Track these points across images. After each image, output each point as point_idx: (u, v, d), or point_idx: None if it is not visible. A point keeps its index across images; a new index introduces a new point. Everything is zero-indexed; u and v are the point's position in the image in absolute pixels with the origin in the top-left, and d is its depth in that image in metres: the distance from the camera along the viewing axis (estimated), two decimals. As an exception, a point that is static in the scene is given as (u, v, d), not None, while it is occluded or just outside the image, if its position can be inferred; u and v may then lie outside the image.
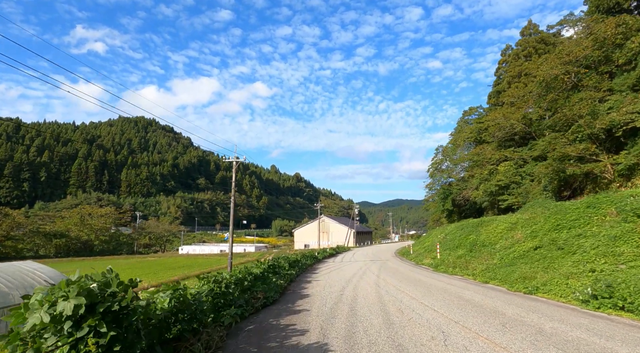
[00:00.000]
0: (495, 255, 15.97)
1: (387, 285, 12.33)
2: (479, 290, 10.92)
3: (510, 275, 11.89)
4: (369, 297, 10.19)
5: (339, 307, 8.98)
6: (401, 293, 10.69)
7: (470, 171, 40.80)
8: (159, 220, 79.26)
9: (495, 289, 11.21)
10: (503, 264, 13.97)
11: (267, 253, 58.76)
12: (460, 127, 46.02)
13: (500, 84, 43.15)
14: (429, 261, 23.07)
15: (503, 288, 11.33)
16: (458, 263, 17.37)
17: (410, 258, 29.78)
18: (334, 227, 77.92)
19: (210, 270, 40.82)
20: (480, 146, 38.22)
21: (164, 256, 60.70)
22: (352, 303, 9.36)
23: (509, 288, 11.09)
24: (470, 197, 41.41)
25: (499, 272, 12.95)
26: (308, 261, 20.59)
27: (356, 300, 9.82)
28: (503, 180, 31.78)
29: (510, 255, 14.62)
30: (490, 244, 18.27)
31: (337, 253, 41.44)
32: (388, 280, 13.88)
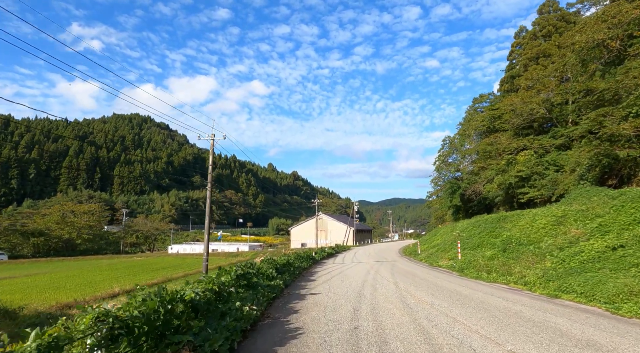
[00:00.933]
0: (545, 257, 12.42)
1: (420, 304, 8.43)
2: (574, 316, 6.99)
3: (599, 287, 8.18)
4: (406, 334, 5.86)
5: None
6: (453, 321, 6.74)
7: (482, 163, 37.28)
8: (147, 218, 75.34)
9: (595, 313, 7.34)
10: (569, 270, 10.36)
11: (261, 253, 55.06)
12: (470, 115, 42.49)
13: (514, 69, 39.62)
14: (448, 262, 19.47)
15: (603, 310, 7.54)
16: (493, 267, 13.77)
17: (420, 259, 26.19)
18: (333, 225, 74.28)
19: (197, 272, 37.02)
20: (494, 135, 34.69)
21: (151, 256, 56.95)
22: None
23: (614, 311, 7.29)
24: (482, 192, 37.91)
25: (570, 281, 9.28)
26: (303, 263, 16.95)
27: (387, 344, 5.43)
28: (524, 170, 28.22)
29: (577, 257, 11.04)
30: (531, 242, 14.71)
31: (336, 253, 37.81)
32: (415, 293, 10.11)
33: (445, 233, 35.44)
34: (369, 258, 29.52)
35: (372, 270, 17.31)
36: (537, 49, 34.89)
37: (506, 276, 12.31)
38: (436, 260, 21.77)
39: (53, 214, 59.54)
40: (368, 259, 27.87)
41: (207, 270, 15.05)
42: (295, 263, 14.51)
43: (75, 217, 60.59)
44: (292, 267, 13.25)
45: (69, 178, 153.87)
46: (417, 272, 16.73)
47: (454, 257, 20.03)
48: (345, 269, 18.02)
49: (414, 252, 34.64)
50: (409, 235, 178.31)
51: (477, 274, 13.78)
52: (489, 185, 35.03)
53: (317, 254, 25.90)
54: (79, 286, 27.74)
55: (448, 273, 15.80)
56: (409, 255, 32.78)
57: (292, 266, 13.35)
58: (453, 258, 20.14)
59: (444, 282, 12.69)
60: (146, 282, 28.09)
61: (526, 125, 33.65)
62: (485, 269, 13.92)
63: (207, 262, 15.05)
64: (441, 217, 77.59)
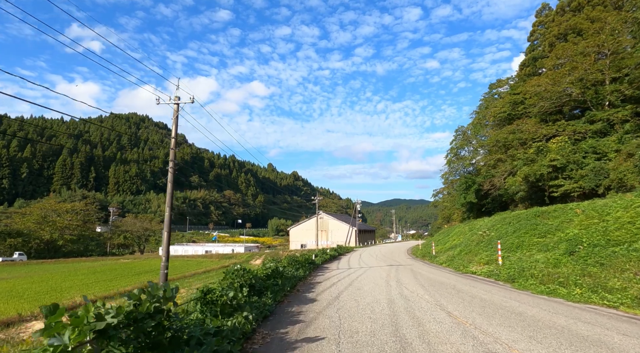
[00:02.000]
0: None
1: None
2: None
3: None
4: None
5: None
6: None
7: (501, 154, 33.30)
8: (137, 218, 71.20)
9: None
10: None
11: (257, 255, 51.09)
12: (487, 102, 38.50)
13: (536, 50, 35.66)
14: (483, 268, 15.49)
15: None
16: (566, 278, 9.76)
17: (439, 262, 22.20)
18: (334, 225, 70.24)
19: (181, 277, 33.02)
20: (517, 122, 30.72)
21: (139, 258, 52.96)
22: None
23: None
24: (501, 186, 33.93)
25: None
26: (300, 270, 12.92)
27: None
28: (558, 159, 24.21)
29: None
30: (617, 243, 10.77)
31: (339, 255, 33.81)
32: (489, 330, 5.98)
33: (462, 232, 31.47)
34: (378, 261, 25.50)
35: (392, 280, 13.31)
36: (565, 24, 30.94)
37: (600, 292, 8.36)
38: (464, 264, 17.76)
39: (33, 213, 55.46)
40: (378, 262, 23.86)
41: (166, 279, 10.98)
42: (288, 272, 10.54)
43: (58, 216, 56.56)
44: (282, 279, 9.19)
45: (63, 177, 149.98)
46: (452, 282, 12.73)
47: (490, 261, 16.03)
48: (355, 278, 14.03)
49: (427, 253, 30.67)
50: (411, 236, 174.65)
51: (545, 288, 9.77)
52: (511, 178, 31.04)
53: (317, 257, 21.90)
54: (40, 294, 23.77)
55: (495, 285, 11.79)
56: (423, 258, 28.79)
57: (282, 277, 9.31)
58: (488, 262, 16.12)
59: (508, 301, 8.66)
60: (124, 288, 24.17)
61: (554, 110, 29.71)
62: (554, 280, 9.92)
63: (167, 269, 10.87)
64: (449, 217, 73.62)
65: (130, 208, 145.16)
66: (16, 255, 51.01)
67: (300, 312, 7.56)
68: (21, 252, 52.54)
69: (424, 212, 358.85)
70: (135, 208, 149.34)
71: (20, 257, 50.75)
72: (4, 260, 47.95)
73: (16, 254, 51.28)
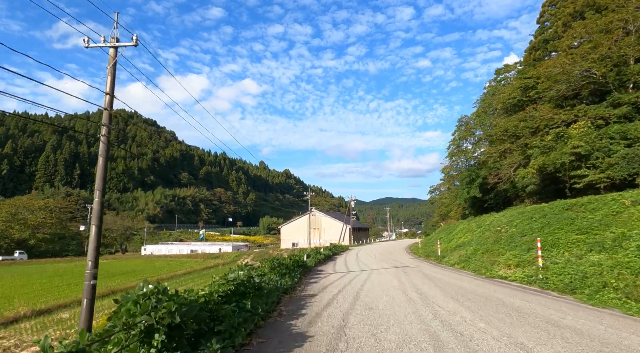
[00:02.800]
0: None
1: None
2: None
3: None
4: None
5: None
6: None
7: (510, 144, 30.51)
8: (118, 215, 66.74)
9: None
10: None
11: (245, 254, 47.84)
12: (493, 89, 35.66)
13: (547, 32, 32.91)
14: (512, 272, 12.55)
15: None
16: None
17: (451, 263, 19.26)
18: (327, 223, 67.15)
19: (159, 279, 29.67)
20: (530, 107, 27.93)
21: (119, 258, 49.35)
22: None
23: None
24: (510, 179, 31.19)
25: None
26: (286, 278, 9.65)
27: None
28: (582, 146, 21.40)
29: None
30: None
31: (334, 255, 30.75)
32: None
33: (469, 230, 28.61)
34: (379, 261, 22.47)
35: (409, 290, 10.22)
36: (582, 1, 28.18)
37: None
38: (486, 266, 14.79)
39: (1, 211, 51.28)
40: (380, 263, 20.81)
41: (92, 294, 7.54)
42: (269, 284, 7.39)
43: (30, 214, 52.48)
44: (255, 298, 5.83)
45: (46, 174, 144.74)
46: (489, 292, 9.69)
47: (522, 263, 13.06)
48: (360, 287, 10.92)
49: (432, 253, 27.76)
50: (405, 235, 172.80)
51: (629, 304, 6.78)
52: (522, 170, 28.25)
53: (310, 258, 18.74)
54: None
55: (551, 297, 8.76)
56: (428, 258, 25.87)
57: (255, 294, 6.03)
58: (520, 264, 13.15)
59: (619, 334, 5.58)
60: (78, 295, 20.77)
61: (571, 94, 26.95)
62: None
63: (95, 280, 7.46)
64: (445, 214, 70.96)
65: (116, 206, 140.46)
66: (17, 254, 50.16)
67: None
68: (22, 251, 51.71)
69: (416, 210, 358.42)
70: (122, 206, 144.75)
71: (20, 255, 50.06)
72: (3, 259, 47.15)
73: (17, 253, 50.44)
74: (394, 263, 20.77)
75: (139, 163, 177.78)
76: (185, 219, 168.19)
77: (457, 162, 42.20)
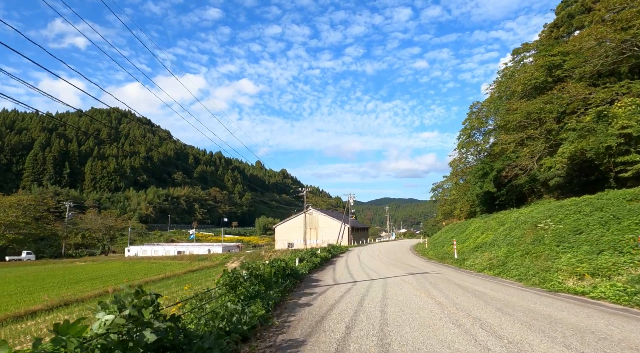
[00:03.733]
0: None
1: None
2: None
3: None
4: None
5: None
6: None
7: (533, 129, 26.89)
8: (100, 214, 62.27)
9: None
10: None
11: (235, 256, 43.98)
12: (510, 71, 32.00)
13: (573, 6, 29.31)
14: (588, 283, 8.86)
15: None
16: None
17: (478, 269, 15.57)
18: (324, 222, 63.34)
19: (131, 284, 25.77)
20: (560, 85, 24.31)
21: (98, 260, 45.40)
22: None
23: None
24: (533, 170, 27.64)
25: None
26: (255, 305, 5.69)
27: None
28: (634, 126, 17.77)
29: None
30: None
31: (332, 257, 26.97)
32: None
33: (489, 228, 24.90)
34: (387, 265, 18.71)
35: (462, 318, 6.48)
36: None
37: None
38: (537, 274, 11.07)
39: (-33, 208, 47.15)
40: (390, 268, 17.03)
41: None
42: (207, 328, 3.77)
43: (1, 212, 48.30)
44: None
45: (34, 173, 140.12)
46: (596, 325, 5.96)
47: (605, 272, 9.32)
48: (379, 314, 7.14)
49: (446, 254, 24.04)
50: (403, 235, 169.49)
51: None
52: (548, 159, 24.60)
53: (303, 263, 14.92)
54: None
55: None
56: (442, 260, 22.15)
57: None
58: (599, 273, 9.41)
59: None
60: (26, 308, 16.94)
61: (607, 70, 23.35)
62: None
63: None
64: (449, 213, 67.29)
65: (107, 205, 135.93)
66: (24, 255, 49.48)
67: None
68: (29, 251, 51.14)
69: (413, 210, 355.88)
70: (113, 205, 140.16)
71: (28, 256, 49.36)
72: (10, 260, 46.62)
73: (24, 253, 49.78)
74: (408, 268, 17.01)
75: (132, 161, 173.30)
76: (179, 219, 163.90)
77: (466, 155, 38.60)
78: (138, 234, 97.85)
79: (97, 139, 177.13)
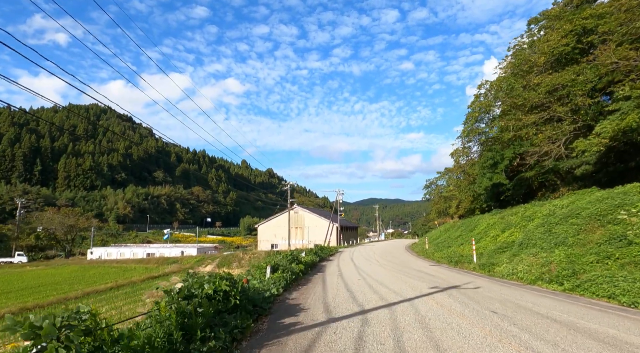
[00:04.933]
0: None
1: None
2: None
3: None
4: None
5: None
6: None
7: (559, 105, 22.64)
8: (60, 211, 55.90)
9: None
10: None
11: (210, 258, 38.76)
12: (529, 43, 27.70)
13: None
14: None
15: None
16: None
17: (530, 279, 11.07)
18: (311, 221, 58.51)
19: (61, 299, 20.39)
20: (601, 47, 20.06)
21: (53, 264, 39.56)
22: None
23: None
24: (559, 155, 23.45)
25: None
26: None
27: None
28: None
29: None
30: None
31: (320, 261, 22.18)
32: None
33: (511, 224, 20.47)
34: (397, 274, 13.99)
35: None
36: None
37: None
38: None
39: None
40: (405, 280, 12.30)
41: None
42: None
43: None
44: None
45: (1, 170, 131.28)
46: None
47: None
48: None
49: (457, 257, 19.48)
50: (392, 235, 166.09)
51: None
52: (581, 141, 20.30)
53: (277, 274, 9.99)
54: None
55: None
56: (457, 265, 17.63)
57: None
58: None
59: None
60: None
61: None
62: None
63: None
64: (444, 211, 63.31)
65: (82, 205, 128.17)
66: (16, 257, 47.51)
67: None
68: (20, 253, 49.16)
69: (400, 210, 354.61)
70: (89, 205, 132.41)
71: (19, 257, 47.23)
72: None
73: (16, 255, 47.97)
74: (426, 278, 12.32)
75: (110, 159, 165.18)
76: (159, 219, 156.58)
77: (472, 144, 34.31)
78: (111, 235, 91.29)
79: (72, 135, 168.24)
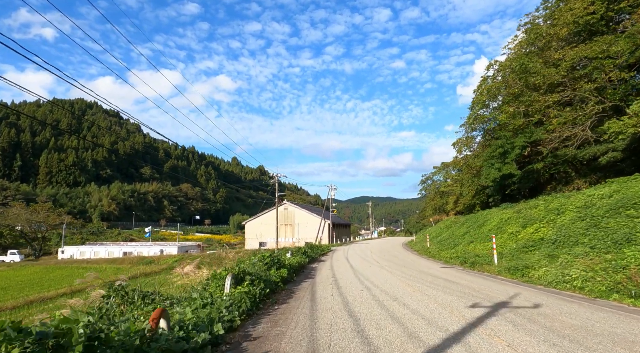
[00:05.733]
0: None
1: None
2: None
3: None
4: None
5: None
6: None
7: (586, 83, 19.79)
8: (28, 207, 51.85)
9: None
10: None
11: (190, 258, 35.40)
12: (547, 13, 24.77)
13: None
14: None
15: None
16: None
17: (594, 292, 8.01)
18: (302, 217, 55.35)
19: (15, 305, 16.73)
20: (633, 16, 17.22)
21: (15, 266, 35.77)
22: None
23: None
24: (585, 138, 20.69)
25: None
26: None
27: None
28: None
29: None
30: None
31: (310, 262, 19.06)
32: None
33: (538, 219, 17.56)
34: (414, 283, 10.94)
35: None
36: None
37: None
38: None
39: None
40: (429, 291, 9.24)
41: None
42: None
43: None
44: None
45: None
46: None
47: None
48: None
49: (475, 257, 16.46)
50: (384, 232, 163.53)
51: None
52: (614, 121, 17.46)
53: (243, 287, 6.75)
54: None
55: None
56: (475, 267, 14.68)
57: None
58: None
59: None
60: None
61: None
62: None
63: None
64: (440, 207, 60.63)
65: (64, 202, 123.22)
66: (9, 255, 45.77)
67: None
68: (13, 251, 47.12)
69: (391, 208, 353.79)
70: (71, 202, 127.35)
71: (11, 256, 45.53)
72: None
73: (8, 253, 46.34)
74: (461, 292, 9.28)
75: (94, 154, 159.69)
76: (145, 217, 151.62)
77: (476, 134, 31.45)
78: (92, 233, 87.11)
79: (55, 129, 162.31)
